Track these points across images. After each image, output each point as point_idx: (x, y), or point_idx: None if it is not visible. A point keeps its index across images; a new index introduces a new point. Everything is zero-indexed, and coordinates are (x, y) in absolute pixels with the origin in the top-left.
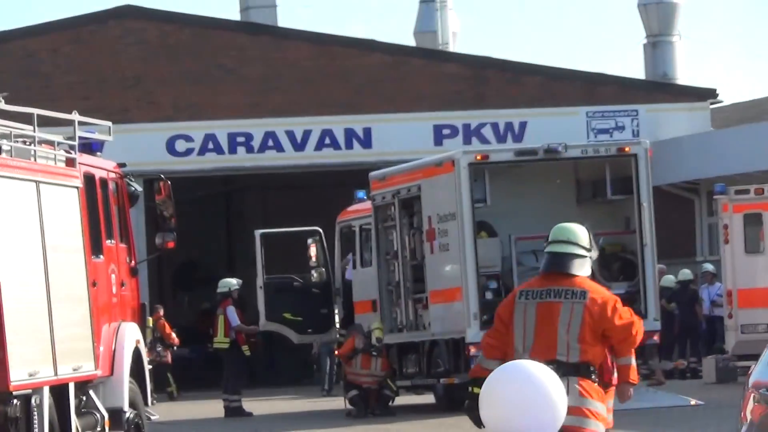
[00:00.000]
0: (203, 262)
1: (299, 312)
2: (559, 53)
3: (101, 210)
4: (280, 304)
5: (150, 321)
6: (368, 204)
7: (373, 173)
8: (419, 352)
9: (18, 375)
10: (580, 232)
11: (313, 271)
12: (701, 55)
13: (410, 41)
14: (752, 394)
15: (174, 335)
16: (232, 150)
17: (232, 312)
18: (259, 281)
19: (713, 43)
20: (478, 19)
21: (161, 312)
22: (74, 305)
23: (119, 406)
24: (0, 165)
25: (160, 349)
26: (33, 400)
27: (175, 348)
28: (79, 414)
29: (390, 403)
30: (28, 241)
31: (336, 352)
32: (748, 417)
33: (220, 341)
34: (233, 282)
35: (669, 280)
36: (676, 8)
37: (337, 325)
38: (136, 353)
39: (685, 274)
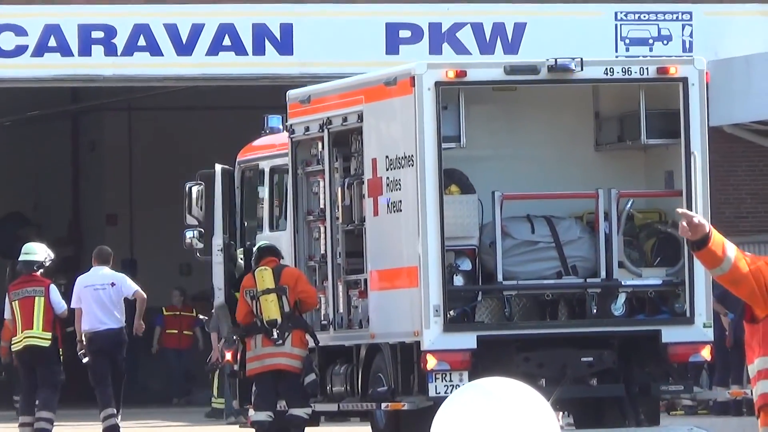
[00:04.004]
0: (36, 216)
1: None
2: None
3: None
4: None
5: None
6: (284, 137)
7: (292, 92)
8: (351, 363)
9: None
10: None
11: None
12: None
13: None
14: None
15: None
16: (85, 50)
17: (56, 293)
18: (218, 241)
19: None
20: None
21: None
22: None
23: None
24: None
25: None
26: None
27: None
28: None
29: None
30: None
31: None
32: None
33: (39, 336)
34: (43, 252)
35: None
36: None
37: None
38: None
39: None
